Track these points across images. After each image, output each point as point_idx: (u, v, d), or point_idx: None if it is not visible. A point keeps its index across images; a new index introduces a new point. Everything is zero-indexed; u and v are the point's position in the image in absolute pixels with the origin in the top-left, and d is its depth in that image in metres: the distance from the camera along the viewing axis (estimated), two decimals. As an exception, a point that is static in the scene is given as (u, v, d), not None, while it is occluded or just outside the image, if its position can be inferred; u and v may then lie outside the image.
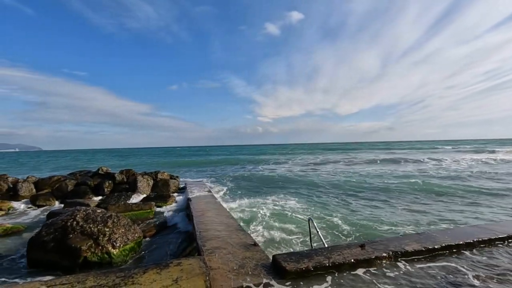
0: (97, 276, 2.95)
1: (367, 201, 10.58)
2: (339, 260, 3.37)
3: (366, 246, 3.81)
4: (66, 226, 5.48)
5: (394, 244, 3.83)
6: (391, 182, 14.85)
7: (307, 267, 3.21)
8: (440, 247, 3.76)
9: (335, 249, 3.74)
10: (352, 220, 7.73)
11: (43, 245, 5.22)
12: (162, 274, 2.96)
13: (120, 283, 2.77)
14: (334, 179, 17.03)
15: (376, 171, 20.80)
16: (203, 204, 7.97)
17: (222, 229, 5.29)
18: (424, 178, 16.07)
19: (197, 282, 2.77)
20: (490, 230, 4.35)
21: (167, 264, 3.21)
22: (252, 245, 4.33)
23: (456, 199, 10.44)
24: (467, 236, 4.08)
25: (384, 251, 3.60)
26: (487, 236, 4.05)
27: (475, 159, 29.43)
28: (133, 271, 3.06)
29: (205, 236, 4.86)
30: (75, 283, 2.79)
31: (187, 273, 2.97)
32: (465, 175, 16.86)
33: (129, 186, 11.50)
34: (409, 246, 3.76)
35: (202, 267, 3.11)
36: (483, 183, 13.98)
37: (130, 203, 8.91)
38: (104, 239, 5.35)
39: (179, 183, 13.69)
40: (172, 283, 2.75)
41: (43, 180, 11.67)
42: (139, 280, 2.82)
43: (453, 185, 13.06)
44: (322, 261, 3.33)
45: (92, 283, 2.78)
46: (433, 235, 4.18)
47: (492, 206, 9.25)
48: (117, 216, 6.07)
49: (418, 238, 4.09)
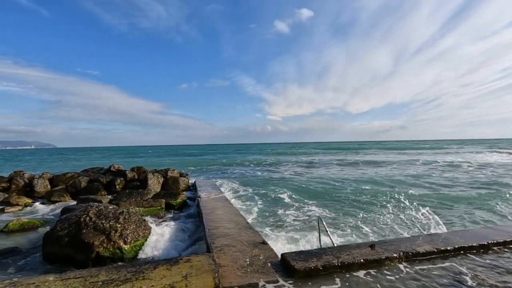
0: (109, 271, 3.02)
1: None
2: (348, 260, 3.34)
3: (376, 246, 3.76)
4: (79, 221, 5.62)
5: (405, 245, 3.77)
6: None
7: (316, 266, 3.19)
8: (453, 248, 3.68)
9: (344, 249, 3.71)
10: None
11: (58, 240, 5.37)
12: (172, 270, 3.00)
13: (131, 278, 2.83)
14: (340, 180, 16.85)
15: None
16: (212, 202, 8.03)
17: (231, 227, 5.33)
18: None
19: (206, 278, 2.79)
20: (506, 232, 4.23)
21: (177, 261, 3.26)
22: (261, 243, 4.34)
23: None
24: (481, 238, 3.98)
25: (395, 252, 3.55)
26: (503, 239, 3.94)
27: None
28: (144, 266, 3.12)
29: (214, 233, 4.90)
30: (88, 277, 2.87)
31: (196, 269, 3.00)
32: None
33: (140, 184, 11.70)
34: (420, 247, 3.69)
35: (211, 264, 3.14)
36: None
37: (141, 200, 9.06)
38: (116, 235, 5.47)
39: (188, 181, 13.84)
40: (182, 279, 2.79)
41: (58, 176, 12.00)
42: (150, 275, 2.87)
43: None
44: (331, 261, 3.31)
45: (104, 278, 2.85)
46: (446, 236, 4.09)
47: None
48: (128, 213, 6.19)
49: (430, 239, 4.02)
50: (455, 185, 13.73)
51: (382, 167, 24.33)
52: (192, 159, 45.05)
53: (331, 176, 18.83)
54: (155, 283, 2.71)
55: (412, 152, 47.56)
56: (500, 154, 35.37)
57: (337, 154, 47.45)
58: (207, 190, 10.27)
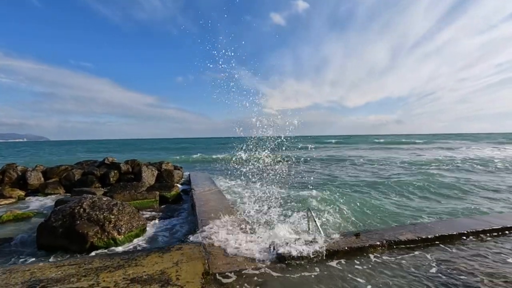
0: (102, 258, 3.12)
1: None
2: (334, 247, 3.50)
3: (361, 235, 3.93)
4: (73, 213, 5.69)
5: (388, 234, 3.95)
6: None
7: (303, 254, 3.34)
8: (434, 237, 3.86)
9: (332, 238, 3.87)
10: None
11: (53, 230, 5.45)
12: (164, 257, 3.12)
13: (124, 264, 2.94)
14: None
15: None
16: (206, 194, 8.15)
17: (223, 218, 5.45)
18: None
19: (196, 265, 2.92)
20: (486, 222, 4.43)
21: (169, 249, 3.38)
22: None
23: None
24: (461, 227, 4.17)
25: (378, 240, 3.72)
26: (481, 228, 4.13)
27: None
28: (137, 254, 3.23)
29: (207, 224, 5.03)
30: (82, 264, 2.97)
31: (187, 257, 3.13)
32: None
33: (134, 176, 11.75)
34: (403, 235, 3.87)
35: (201, 252, 3.26)
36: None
37: (135, 193, 9.13)
38: (110, 226, 5.56)
39: (183, 173, 13.92)
40: (173, 265, 2.91)
41: (51, 169, 11.97)
42: (142, 262, 2.99)
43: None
44: (318, 249, 3.46)
45: (98, 264, 2.96)
46: (428, 226, 4.28)
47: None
48: (122, 204, 6.27)
49: (413, 228, 4.20)
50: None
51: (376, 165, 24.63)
52: (189, 150, 44.83)
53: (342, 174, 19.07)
54: (147, 269, 2.83)
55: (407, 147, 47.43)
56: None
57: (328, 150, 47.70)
58: (201, 183, 10.37)
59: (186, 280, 2.59)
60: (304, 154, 27.44)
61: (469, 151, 30.35)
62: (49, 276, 2.71)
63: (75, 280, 2.62)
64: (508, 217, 4.78)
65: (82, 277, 2.69)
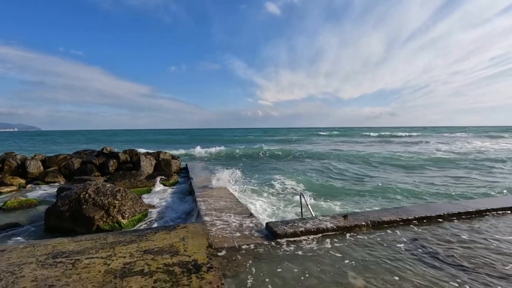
0: (116, 235, 3.47)
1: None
2: (324, 226, 3.89)
3: (349, 216, 4.33)
4: (79, 198, 6.00)
5: (373, 216, 4.36)
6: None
7: (295, 232, 3.73)
8: (413, 218, 4.29)
9: (322, 219, 4.26)
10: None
11: (60, 214, 5.76)
12: (171, 234, 3.48)
13: (136, 239, 3.29)
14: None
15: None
16: (203, 181, 8.50)
17: (221, 203, 5.82)
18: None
19: (201, 240, 3.28)
20: (463, 206, 4.87)
21: (175, 227, 3.73)
22: (248, 216, 4.86)
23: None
24: (439, 210, 4.61)
25: (364, 221, 4.13)
26: (457, 210, 4.57)
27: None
28: (146, 231, 3.58)
29: (206, 208, 5.39)
30: (98, 239, 3.31)
31: (192, 233, 3.48)
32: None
33: (133, 165, 12.03)
34: (386, 217, 4.28)
35: (205, 229, 3.62)
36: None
37: (135, 181, 9.44)
38: (115, 210, 5.89)
39: (180, 163, 14.22)
40: (180, 240, 3.26)
41: (50, 158, 12.15)
42: (152, 238, 3.34)
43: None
44: (309, 228, 3.85)
45: (112, 240, 3.30)
46: (410, 209, 4.70)
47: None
48: (125, 191, 6.59)
49: (396, 211, 4.62)
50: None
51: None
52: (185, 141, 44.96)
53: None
54: (157, 243, 3.18)
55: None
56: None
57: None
58: (198, 171, 10.71)
59: (193, 251, 2.95)
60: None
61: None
62: (70, 249, 3.05)
63: (94, 252, 2.96)
64: (484, 202, 5.24)
65: (100, 249, 3.03)
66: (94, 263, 2.70)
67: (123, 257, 2.83)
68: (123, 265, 2.64)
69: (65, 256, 2.86)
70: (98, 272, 2.53)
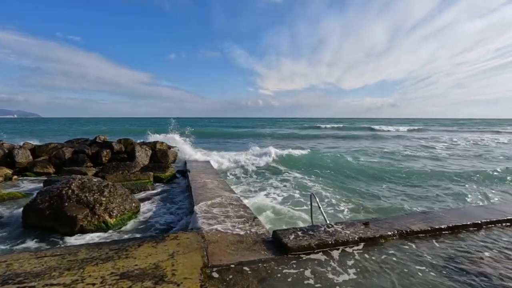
0: (89, 248, 2.81)
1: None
2: (342, 238, 3.25)
3: (370, 224, 3.68)
4: (61, 194, 5.35)
5: (399, 223, 3.71)
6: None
7: (309, 244, 3.08)
8: (446, 227, 3.63)
9: (339, 227, 3.61)
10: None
11: (40, 212, 5.12)
12: (158, 248, 2.83)
13: (114, 256, 2.64)
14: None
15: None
16: (202, 176, 7.85)
17: (221, 202, 5.18)
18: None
19: (194, 257, 2.63)
20: (498, 211, 4.22)
21: (164, 238, 3.08)
22: (251, 219, 4.22)
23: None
24: (475, 216, 3.95)
25: (389, 230, 3.48)
26: (496, 218, 3.92)
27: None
28: (128, 243, 2.93)
29: (204, 209, 4.74)
30: (66, 255, 2.66)
31: (184, 247, 2.84)
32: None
33: (127, 156, 11.36)
34: (414, 225, 3.63)
35: (200, 242, 2.98)
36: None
37: (128, 173, 8.79)
38: (101, 208, 5.25)
39: (177, 153, 13.55)
40: (168, 257, 2.61)
41: (40, 147, 11.47)
42: (134, 253, 2.69)
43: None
44: (325, 239, 3.20)
45: (84, 256, 2.65)
46: (440, 215, 4.04)
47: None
48: (114, 186, 5.94)
49: (424, 217, 3.96)
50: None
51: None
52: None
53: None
54: (139, 262, 2.53)
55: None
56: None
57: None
58: (197, 163, 10.06)
59: (183, 276, 2.30)
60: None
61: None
62: (28, 269, 2.40)
63: (57, 275, 2.31)
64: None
65: (65, 270, 2.39)
66: (52, 294, 2.05)
67: (92, 284, 2.18)
68: (89, 299, 2.00)
69: (18, 282, 2.22)
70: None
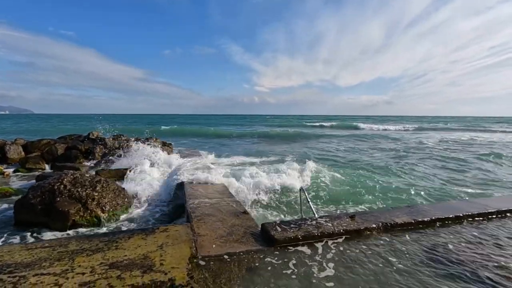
0: (80, 240, 2.87)
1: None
2: (328, 230, 3.34)
3: (356, 217, 3.79)
4: (53, 189, 5.36)
5: (385, 216, 3.82)
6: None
7: (296, 236, 3.17)
8: (430, 219, 3.76)
9: (326, 220, 3.71)
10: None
11: (31, 207, 5.14)
12: (147, 239, 2.89)
13: (103, 247, 2.70)
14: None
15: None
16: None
17: (213, 197, 5.25)
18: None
19: (183, 248, 2.71)
20: (480, 205, 4.35)
21: (153, 230, 3.14)
22: (242, 213, 4.30)
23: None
24: (458, 210, 4.08)
25: (374, 223, 3.59)
26: (477, 211, 4.05)
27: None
28: (118, 236, 2.99)
29: (195, 203, 4.81)
30: (56, 247, 2.71)
31: (173, 239, 2.90)
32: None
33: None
34: (399, 218, 3.75)
35: (189, 234, 3.05)
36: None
37: (121, 169, 8.80)
38: (93, 203, 5.29)
39: (172, 150, 13.57)
40: (157, 248, 2.68)
41: (32, 143, 11.40)
42: (123, 245, 2.75)
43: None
44: (311, 231, 3.30)
45: (74, 247, 2.70)
46: (425, 209, 4.17)
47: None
48: (106, 181, 5.97)
49: (409, 211, 4.08)
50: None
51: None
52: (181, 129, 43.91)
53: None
54: (128, 252, 2.59)
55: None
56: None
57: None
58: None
59: (171, 265, 2.38)
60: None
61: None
62: (18, 260, 2.45)
63: (47, 265, 2.37)
64: (502, 200, 4.74)
65: (56, 261, 2.44)
66: (42, 283, 2.11)
67: (82, 273, 2.24)
68: (78, 287, 2.06)
69: (8, 272, 2.27)
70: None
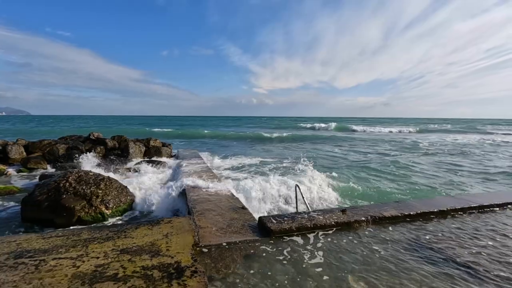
0: (91, 230, 3.11)
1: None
2: (321, 222, 3.61)
3: (348, 211, 4.05)
4: (59, 187, 5.59)
5: (373, 210, 4.09)
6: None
7: (290, 228, 3.43)
8: (416, 213, 4.03)
9: (319, 213, 3.97)
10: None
11: (38, 204, 5.36)
12: (153, 230, 3.13)
13: (114, 236, 2.94)
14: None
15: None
16: (194, 170, 8.14)
17: (212, 193, 5.49)
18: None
19: (186, 237, 2.95)
20: (464, 200, 4.64)
21: (158, 222, 3.39)
22: (240, 208, 4.55)
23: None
24: (443, 205, 4.36)
25: (363, 216, 3.85)
26: (460, 206, 4.34)
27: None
28: (126, 226, 3.23)
29: (196, 199, 5.05)
30: (70, 236, 2.95)
31: (177, 229, 3.15)
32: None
33: (121, 152, 11.57)
34: (387, 212, 4.02)
35: (191, 225, 3.29)
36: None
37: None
38: (97, 200, 5.52)
39: (171, 151, 13.80)
40: (163, 237, 2.93)
41: (34, 143, 11.58)
42: (132, 234, 3.00)
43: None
44: (304, 223, 3.56)
45: (86, 236, 2.94)
46: (412, 204, 4.45)
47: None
48: (110, 179, 6.20)
49: (397, 205, 4.36)
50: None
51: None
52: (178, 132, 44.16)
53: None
54: (136, 240, 2.84)
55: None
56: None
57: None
58: (189, 158, 10.33)
59: (176, 251, 2.62)
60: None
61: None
62: (36, 247, 2.68)
63: (64, 251, 2.61)
64: (487, 196, 5.03)
65: (71, 247, 2.68)
66: (61, 265, 2.35)
67: (96, 257, 2.49)
68: (94, 268, 2.30)
69: (29, 256, 2.50)
70: (64, 276, 2.19)
